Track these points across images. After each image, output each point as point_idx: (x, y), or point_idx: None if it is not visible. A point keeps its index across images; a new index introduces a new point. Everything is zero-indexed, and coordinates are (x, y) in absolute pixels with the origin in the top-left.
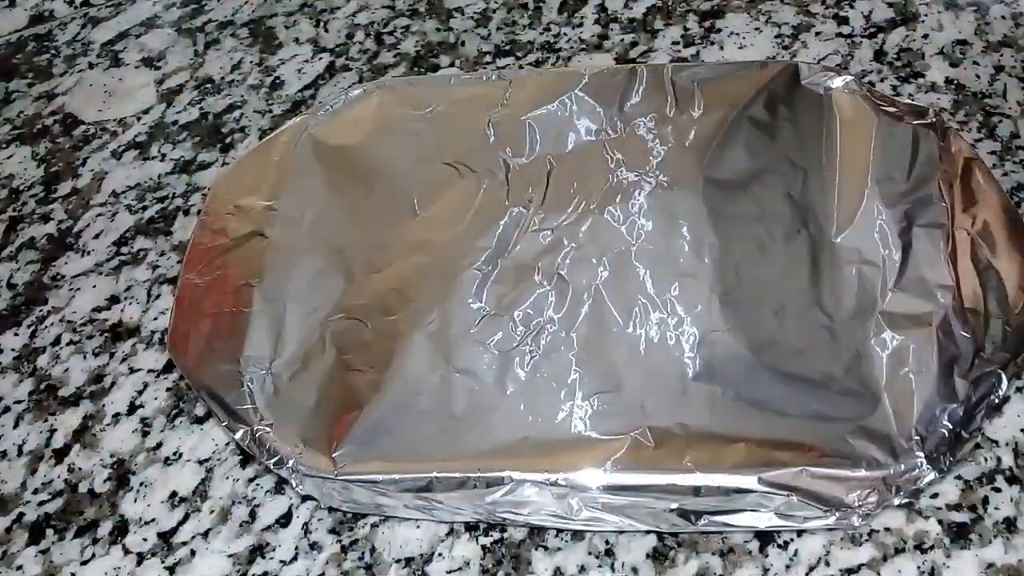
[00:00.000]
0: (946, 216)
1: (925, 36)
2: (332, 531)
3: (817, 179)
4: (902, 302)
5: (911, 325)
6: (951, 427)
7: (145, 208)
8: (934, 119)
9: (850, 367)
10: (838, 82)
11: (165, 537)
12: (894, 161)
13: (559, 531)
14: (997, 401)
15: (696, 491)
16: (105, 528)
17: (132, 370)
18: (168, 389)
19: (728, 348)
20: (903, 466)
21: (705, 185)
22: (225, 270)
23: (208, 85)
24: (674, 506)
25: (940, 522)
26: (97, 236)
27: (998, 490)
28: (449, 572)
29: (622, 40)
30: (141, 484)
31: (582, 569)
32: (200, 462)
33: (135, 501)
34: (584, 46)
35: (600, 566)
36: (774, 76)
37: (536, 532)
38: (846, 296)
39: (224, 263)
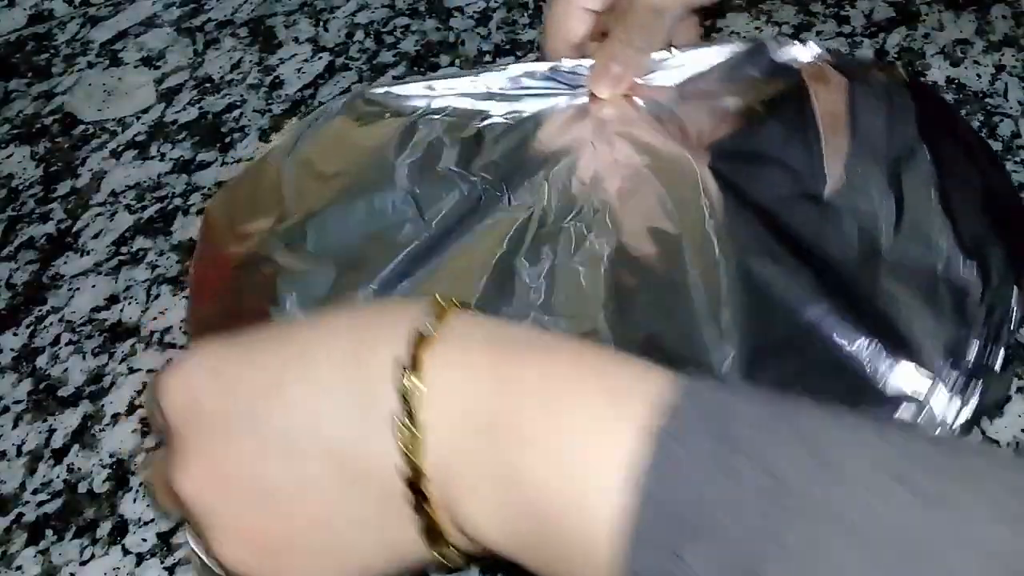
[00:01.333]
0: (930, 163)
1: (926, 35)
2: None
3: (805, 147)
4: (903, 251)
5: (915, 273)
6: (971, 362)
7: (144, 208)
8: (897, 65)
9: (859, 326)
10: (803, 52)
11: (164, 537)
12: (871, 120)
13: None
14: (1012, 327)
15: None
16: (104, 528)
17: (131, 370)
18: None
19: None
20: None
21: (706, 179)
22: (238, 300)
23: (207, 84)
24: None
25: None
26: (96, 236)
27: None
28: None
29: None
30: (141, 484)
31: None
32: None
33: (135, 501)
34: None
35: None
36: (746, 57)
37: None
38: (848, 248)
39: (236, 288)
